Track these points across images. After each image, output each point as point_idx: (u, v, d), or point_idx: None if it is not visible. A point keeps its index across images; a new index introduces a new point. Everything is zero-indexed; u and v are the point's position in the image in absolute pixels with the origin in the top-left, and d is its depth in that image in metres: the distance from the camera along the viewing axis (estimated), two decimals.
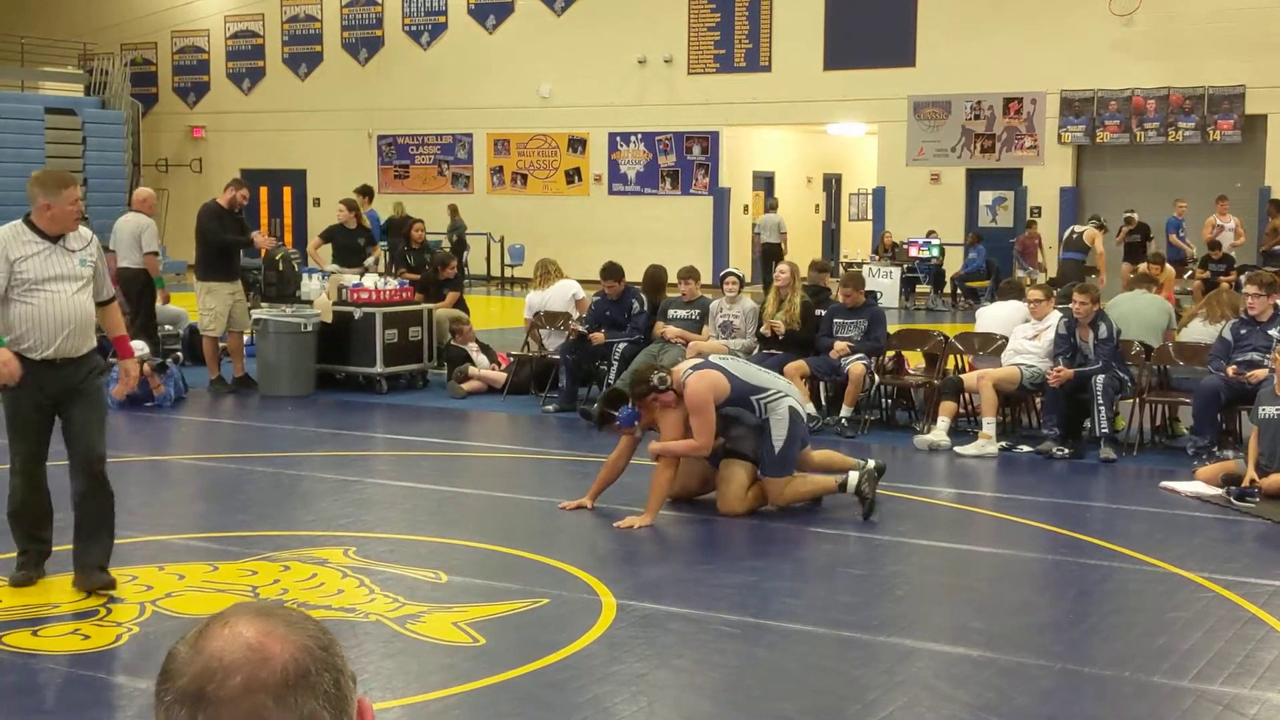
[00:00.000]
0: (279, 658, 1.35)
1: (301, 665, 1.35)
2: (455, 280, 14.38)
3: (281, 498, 8.46)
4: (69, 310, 6.04)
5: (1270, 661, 5.36)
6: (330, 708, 1.36)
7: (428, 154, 28.76)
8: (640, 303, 11.78)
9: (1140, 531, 7.70)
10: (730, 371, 7.82)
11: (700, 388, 7.63)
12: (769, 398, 7.76)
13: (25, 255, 5.98)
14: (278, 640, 1.36)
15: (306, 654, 1.36)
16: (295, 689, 1.34)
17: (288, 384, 12.21)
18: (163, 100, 31.53)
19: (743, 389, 7.73)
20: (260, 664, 1.34)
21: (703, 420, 7.63)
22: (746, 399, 7.73)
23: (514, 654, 5.38)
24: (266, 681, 1.33)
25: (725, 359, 8.20)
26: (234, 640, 1.35)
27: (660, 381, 7.64)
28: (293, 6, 29.98)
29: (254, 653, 1.34)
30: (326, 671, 1.37)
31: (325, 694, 1.36)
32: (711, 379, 7.70)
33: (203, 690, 1.33)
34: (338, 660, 1.39)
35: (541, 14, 27.27)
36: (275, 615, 1.40)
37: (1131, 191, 22.75)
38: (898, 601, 6.42)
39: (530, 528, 7.73)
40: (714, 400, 7.65)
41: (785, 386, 8.03)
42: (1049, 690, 5.13)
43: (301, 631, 1.38)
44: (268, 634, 1.36)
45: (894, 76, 24.26)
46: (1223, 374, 9.37)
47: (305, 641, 1.37)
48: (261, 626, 1.37)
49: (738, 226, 26.74)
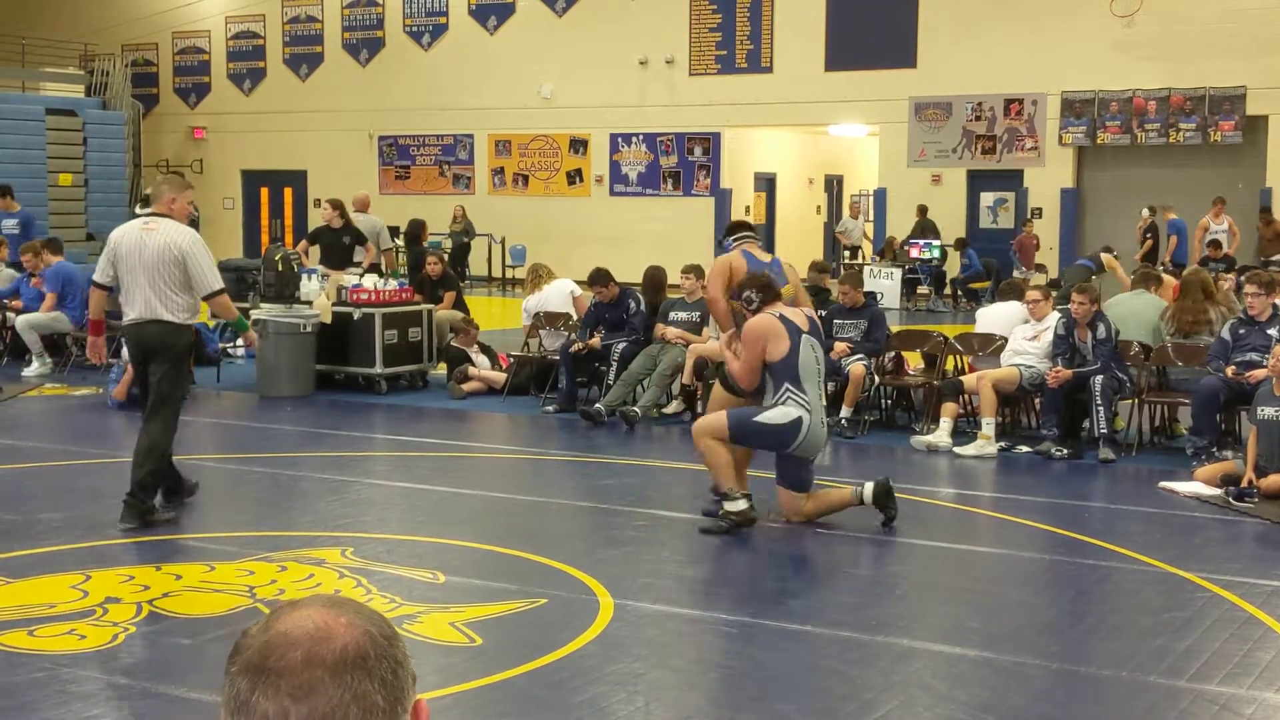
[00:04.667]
0: (341, 638, 1.41)
1: (361, 648, 1.41)
2: (451, 280, 14.32)
3: (280, 498, 8.45)
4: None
5: (1268, 661, 5.36)
6: (385, 693, 1.41)
7: (429, 155, 28.76)
8: (637, 303, 11.78)
9: (1139, 532, 7.70)
10: (799, 346, 7.41)
11: (763, 329, 7.39)
12: (796, 398, 7.35)
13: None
14: (343, 625, 1.42)
15: (368, 639, 1.42)
16: (353, 668, 1.39)
17: (287, 384, 12.21)
18: (164, 101, 31.54)
19: (790, 373, 7.35)
20: (322, 641, 1.40)
21: (749, 353, 7.36)
22: (781, 382, 7.36)
23: (511, 654, 5.37)
24: (325, 658, 1.39)
25: (815, 344, 7.61)
26: (302, 621, 1.42)
27: (746, 300, 7.48)
28: (294, 7, 29.99)
29: (319, 631, 1.41)
30: (385, 659, 1.42)
31: (381, 679, 1.41)
32: (778, 330, 7.39)
33: (265, 662, 1.39)
34: (399, 653, 1.44)
35: (543, 15, 27.27)
36: (345, 604, 1.46)
37: (1132, 193, 22.75)
38: (896, 601, 6.42)
39: (528, 528, 7.73)
40: (764, 345, 7.35)
41: (816, 410, 7.44)
42: (1046, 690, 5.13)
43: (368, 620, 1.44)
44: (334, 618, 1.43)
45: (895, 77, 24.25)
46: (1222, 374, 9.37)
47: (369, 628, 1.43)
48: (330, 612, 1.44)
49: None
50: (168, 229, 7.34)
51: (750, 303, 7.49)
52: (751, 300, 7.48)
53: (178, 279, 7.33)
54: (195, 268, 7.34)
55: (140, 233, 7.37)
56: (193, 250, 7.33)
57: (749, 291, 7.51)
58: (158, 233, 7.33)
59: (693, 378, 10.99)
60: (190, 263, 7.31)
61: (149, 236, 7.34)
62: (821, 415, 7.52)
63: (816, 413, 7.44)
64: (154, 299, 7.33)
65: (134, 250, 7.34)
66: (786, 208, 28.67)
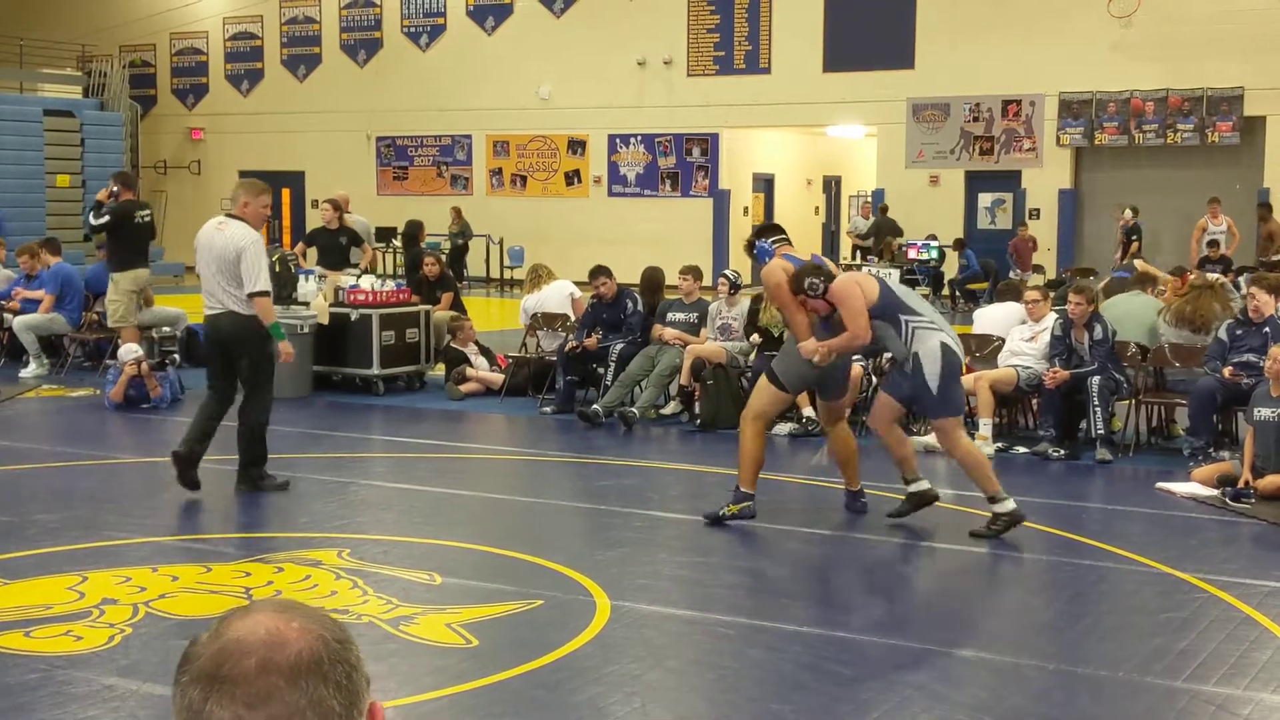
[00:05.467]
0: (295, 644, 1.39)
1: (316, 653, 1.40)
2: (448, 281, 14.32)
3: (276, 499, 8.44)
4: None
5: (1264, 662, 5.36)
6: (340, 698, 1.40)
7: (427, 156, 28.75)
8: (635, 303, 11.77)
9: (1136, 532, 7.70)
10: (884, 281, 7.58)
11: (846, 280, 7.49)
12: (920, 323, 7.34)
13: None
14: (295, 630, 1.41)
15: (322, 644, 1.41)
16: (308, 674, 1.38)
17: (284, 385, 12.13)
18: (161, 102, 31.53)
19: (892, 302, 7.37)
20: (276, 648, 1.38)
21: (851, 307, 7.30)
22: (895, 315, 7.33)
23: (507, 655, 5.37)
24: (280, 664, 1.38)
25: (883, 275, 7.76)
26: (254, 627, 1.40)
27: (811, 287, 7.44)
28: (291, 8, 29.99)
29: (271, 637, 1.39)
30: (340, 664, 1.41)
31: (337, 684, 1.40)
32: (860, 277, 7.62)
33: (218, 670, 1.37)
34: (352, 657, 1.43)
35: (541, 15, 27.28)
36: (296, 609, 1.45)
37: (1130, 194, 22.74)
38: (893, 602, 6.41)
39: (525, 529, 7.72)
40: (859, 292, 7.34)
41: (939, 320, 7.59)
42: (1044, 690, 5.13)
43: (319, 624, 1.43)
44: (286, 624, 1.41)
45: (893, 78, 24.26)
46: (1218, 375, 9.37)
47: (322, 633, 1.42)
48: (282, 617, 1.42)
49: (737, 228, 26.72)
50: (234, 230, 8.12)
51: (815, 289, 7.42)
52: (816, 286, 7.43)
53: (239, 276, 8.06)
54: (246, 266, 8.02)
55: (213, 231, 8.20)
56: (249, 250, 8.03)
57: (809, 279, 7.46)
58: (225, 232, 8.13)
59: (690, 379, 10.99)
60: (244, 260, 8.02)
61: (218, 235, 8.14)
62: (947, 323, 7.61)
63: (946, 325, 7.55)
64: (221, 293, 8.12)
65: (206, 247, 8.17)
66: (785, 208, 28.64)
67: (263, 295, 8.12)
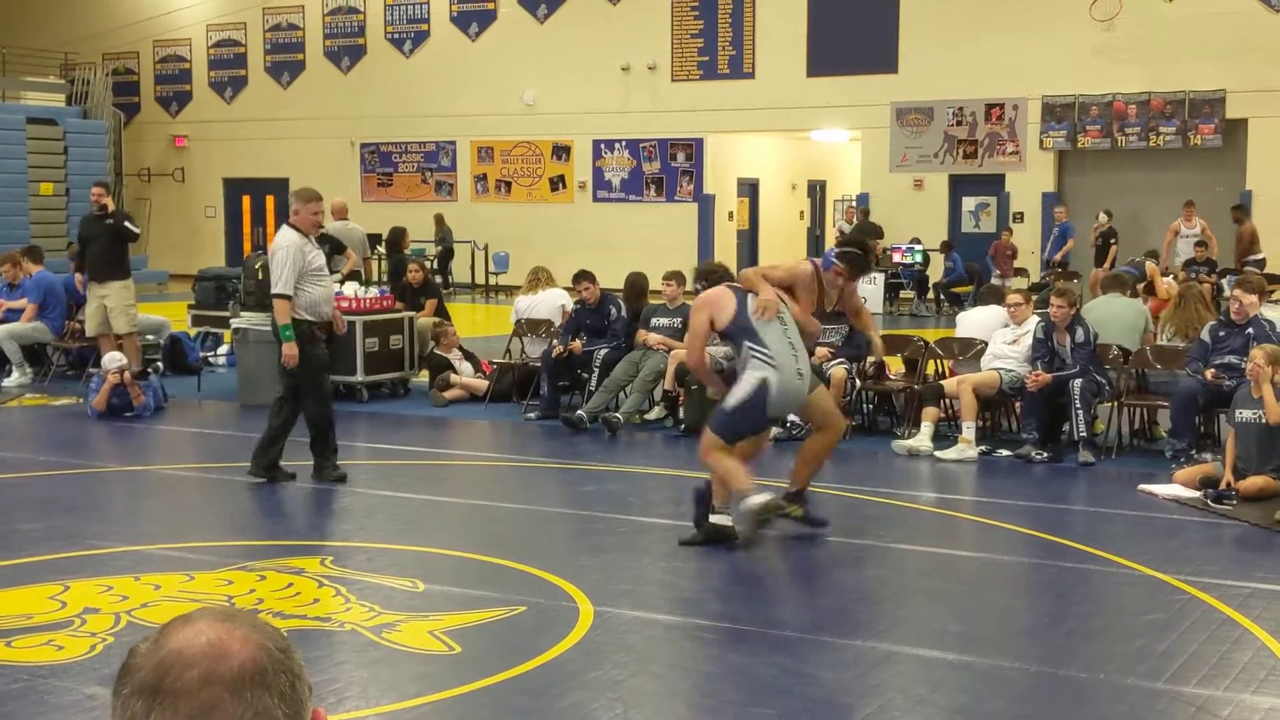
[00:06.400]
0: (237, 655, 1.38)
1: (259, 663, 1.38)
2: (433, 287, 14.30)
3: (260, 507, 8.43)
4: (330, 288, 8.87)
5: (1244, 663, 5.38)
6: (285, 707, 1.38)
7: (411, 162, 28.73)
8: (618, 309, 11.78)
9: (1118, 534, 7.73)
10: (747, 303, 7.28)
11: (708, 296, 7.51)
12: (758, 354, 7.13)
13: (310, 252, 8.55)
14: (238, 639, 1.39)
15: (265, 654, 1.39)
16: (251, 685, 1.37)
17: (268, 393, 12.08)
18: (145, 110, 31.46)
19: (744, 326, 7.20)
20: (218, 659, 1.37)
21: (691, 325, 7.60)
22: (740, 339, 7.24)
23: (490, 662, 5.37)
24: (223, 676, 1.36)
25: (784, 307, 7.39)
26: (195, 637, 1.39)
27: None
28: (274, 15, 29.95)
29: (213, 648, 1.38)
30: (283, 673, 1.40)
31: (281, 693, 1.39)
32: (719, 294, 7.42)
33: (160, 682, 1.36)
34: (295, 665, 1.42)
35: (524, 21, 27.28)
36: (237, 618, 1.43)
37: (1113, 196, 22.83)
38: (875, 606, 6.42)
39: (509, 536, 7.72)
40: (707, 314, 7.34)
41: (784, 363, 7.15)
42: (1026, 693, 5.15)
43: (261, 634, 1.42)
44: (228, 633, 1.40)
45: (877, 83, 24.30)
46: (1200, 377, 9.40)
47: (264, 642, 1.41)
48: (223, 627, 1.40)
49: (722, 233, 26.77)
50: (278, 236, 8.71)
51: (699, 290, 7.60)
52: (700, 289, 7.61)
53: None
54: (273, 268, 8.56)
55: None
56: (278, 253, 8.51)
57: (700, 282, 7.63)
58: (276, 239, 8.72)
59: (674, 384, 11.00)
60: (272, 263, 8.57)
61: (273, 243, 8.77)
62: (796, 365, 7.21)
63: (785, 365, 7.14)
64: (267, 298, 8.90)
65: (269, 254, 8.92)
66: (770, 213, 28.70)
67: (280, 297, 8.46)
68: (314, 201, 8.67)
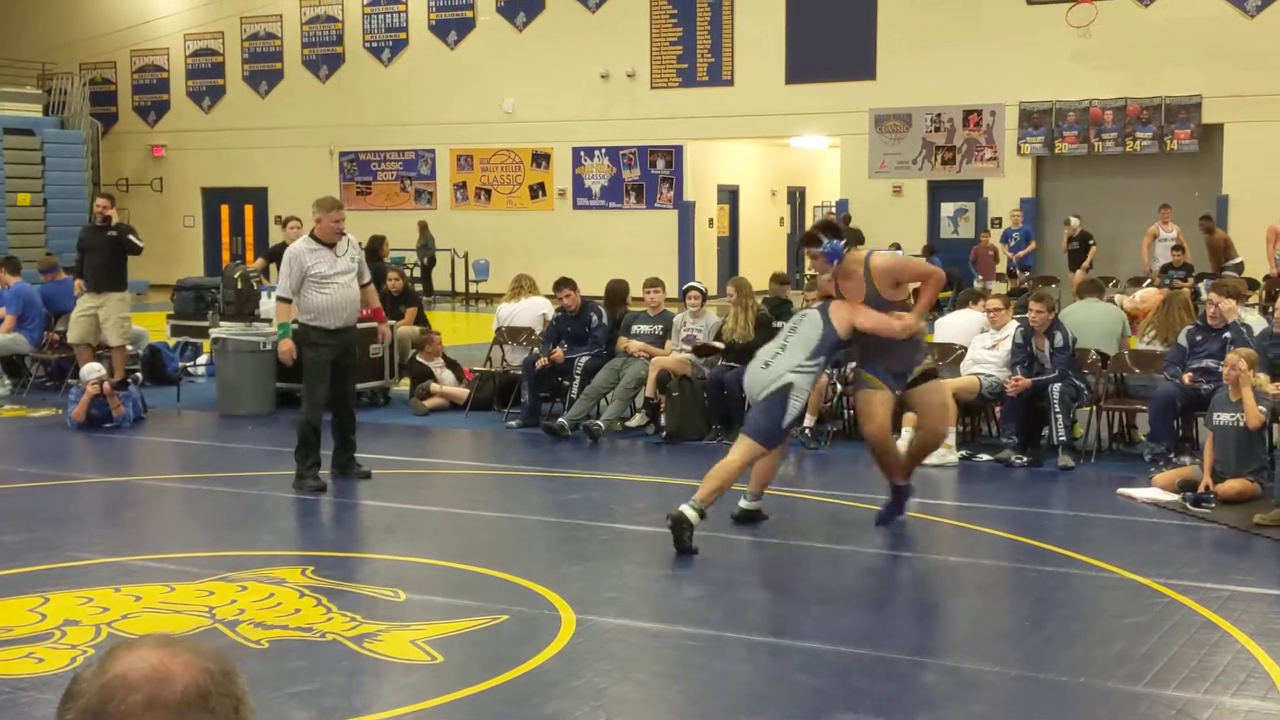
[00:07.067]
0: (181, 679, 1.39)
1: (202, 687, 1.39)
2: (412, 295, 14.27)
3: (241, 517, 8.41)
4: (347, 295, 8.90)
5: (1224, 666, 5.41)
6: None
7: (390, 170, 28.70)
8: (599, 316, 11.78)
9: (1098, 538, 7.76)
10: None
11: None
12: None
13: (315, 260, 8.75)
14: (180, 664, 1.40)
15: (208, 677, 1.41)
16: (194, 708, 1.38)
17: (247, 403, 12.15)
18: (123, 119, 31.36)
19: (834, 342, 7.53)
20: (162, 683, 1.38)
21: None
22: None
23: (472, 671, 5.36)
24: (167, 699, 1.37)
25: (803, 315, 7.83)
26: (138, 662, 1.40)
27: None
28: (252, 24, 29.90)
29: (156, 673, 1.39)
30: (226, 697, 1.41)
31: (224, 717, 1.40)
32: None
33: (104, 707, 1.37)
34: (238, 689, 1.43)
35: (503, 29, 27.29)
36: (180, 643, 1.44)
37: (1091, 202, 22.95)
38: (859, 612, 6.44)
39: (491, 544, 7.71)
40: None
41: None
42: (1006, 697, 5.16)
43: (204, 658, 1.43)
44: (171, 658, 1.41)
45: (855, 90, 24.38)
46: (1178, 381, 9.44)
47: (208, 665, 1.42)
48: (166, 651, 1.41)
49: (702, 240, 26.81)
50: (293, 243, 9.16)
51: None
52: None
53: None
54: (279, 272, 8.97)
55: None
56: (285, 259, 8.92)
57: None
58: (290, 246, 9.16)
59: (655, 391, 11.01)
60: (280, 268, 8.96)
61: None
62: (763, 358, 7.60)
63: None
64: None
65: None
66: (750, 220, 28.74)
67: (281, 300, 8.93)
68: (335, 210, 8.90)
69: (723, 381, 10.74)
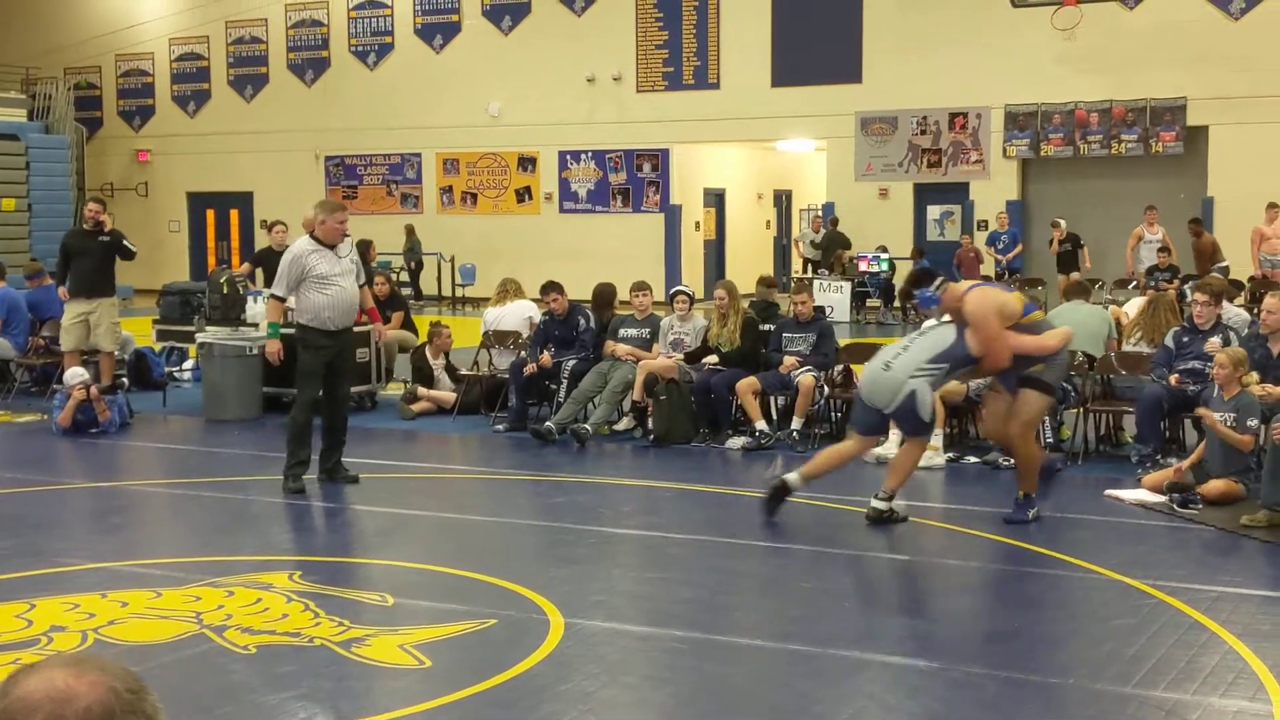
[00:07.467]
0: (84, 697, 1.38)
1: (107, 706, 1.38)
2: (399, 299, 14.24)
3: (228, 522, 8.38)
4: (347, 296, 8.94)
5: (1212, 667, 5.41)
6: None
7: (376, 174, 28.67)
8: (587, 319, 11.77)
9: (1085, 539, 7.77)
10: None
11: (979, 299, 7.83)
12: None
13: (316, 260, 8.79)
14: (86, 683, 1.39)
15: (113, 695, 1.39)
16: None
17: (234, 407, 12.12)
18: (107, 124, 31.27)
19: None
20: (64, 703, 1.37)
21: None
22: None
23: (461, 675, 5.35)
24: (68, 718, 1.36)
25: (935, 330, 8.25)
26: (42, 683, 1.39)
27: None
28: (237, 28, 29.84)
29: (59, 693, 1.37)
30: (133, 714, 1.39)
31: None
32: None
33: None
34: (148, 707, 1.41)
35: (489, 33, 27.27)
36: (88, 662, 1.42)
37: (1077, 204, 23.01)
38: (845, 613, 6.43)
39: (479, 548, 7.69)
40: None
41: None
42: (995, 699, 5.16)
43: (112, 676, 1.41)
44: (76, 678, 1.39)
45: (841, 93, 24.42)
46: (1165, 383, 9.46)
47: (113, 684, 1.40)
48: (71, 671, 1.40)
49: (689, 243, 26.82)
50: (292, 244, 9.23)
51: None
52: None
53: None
54: (278, 271, 9.00)
55: None
56: (285, 259, 8.98)
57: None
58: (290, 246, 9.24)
59: (643, 394, 11.00)
60: (280, 267, 8.99)
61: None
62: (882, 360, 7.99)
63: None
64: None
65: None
66: (737, 223, 28.78)
67: (273, 299, 9.17)
68: (339, 211, 9.01)
69: (710, 385, 10.74)
